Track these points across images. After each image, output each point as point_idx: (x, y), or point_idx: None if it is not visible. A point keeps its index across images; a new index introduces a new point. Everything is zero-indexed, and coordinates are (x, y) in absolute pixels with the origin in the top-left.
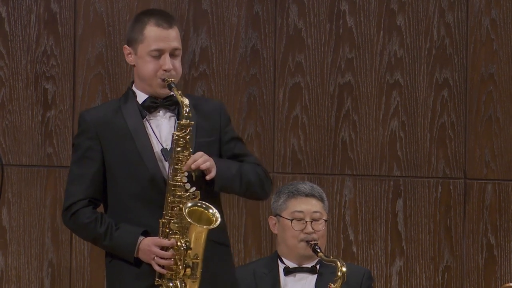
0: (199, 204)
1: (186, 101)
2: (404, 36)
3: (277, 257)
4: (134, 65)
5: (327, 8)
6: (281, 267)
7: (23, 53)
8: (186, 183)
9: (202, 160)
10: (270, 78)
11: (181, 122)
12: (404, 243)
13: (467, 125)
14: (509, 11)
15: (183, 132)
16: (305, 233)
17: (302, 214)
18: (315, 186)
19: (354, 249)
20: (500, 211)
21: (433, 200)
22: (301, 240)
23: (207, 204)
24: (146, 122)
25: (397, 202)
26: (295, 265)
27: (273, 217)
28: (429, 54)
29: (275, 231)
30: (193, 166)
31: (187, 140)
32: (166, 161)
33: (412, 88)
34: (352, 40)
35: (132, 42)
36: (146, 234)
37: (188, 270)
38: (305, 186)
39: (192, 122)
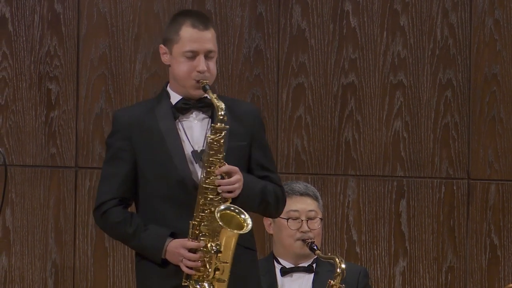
0: (232, 208)
1: (222, 105)
2: (408, 37)
3: (272, 258)
4: (169, 65)
5: (331, 9)
6: (277, 268)
7: (26, 53)
8: (218, 186)
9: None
10: (274, 78)
11: (216, 125)
12: (408, 243)
13: (470, 125)
14: None
15: (218, 136)
16: (301, 232)
17: (297, 213)
18: (309, 185)
19: (358, 250)
20: (504, 212)
21: (437, 200)
22: (297, 239)
23: (240, 209)
24: (179, 123)
25: (400, 202)
26: (291, 265)
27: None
28: (432, 54)
29: (271, 232)
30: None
31: (221, 143)
32: (196, 163)
33: (416, 88)
34: (356, 41)
35: (167, 42)
36: (174, 236)
37: (218, 273)
38: (299, 185)
39: (227, 127)
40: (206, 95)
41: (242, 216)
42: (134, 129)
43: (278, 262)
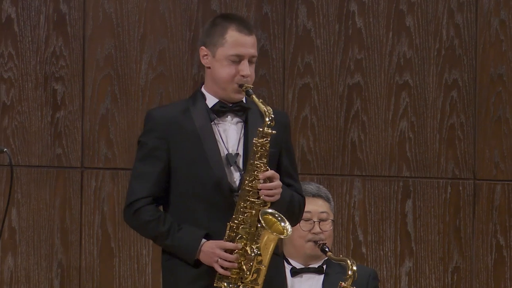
0: (276, 215)
1: (270, 110)
2: (413, 37)
3: (283, 258)
4: (208, 67)
5: (336, 9)
6: (287, 268)
7: (32, 54)
8: (260, 190)
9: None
10: (279, 79)
11: (264, 130)
12: (414, 243)
13: (476, 125)
14: None
15: (264, 140)
16: (313, 233)
17: (309, 215)
18: (321, 186)
19: (363, 250)
20: (510, 212)
21: (443, 200)
22: (309, 240)
23: (282, 216)
24: (214, 125)
25: (406, 202)
26: (301, 266)
27: None
28: (438, 55)
29: None
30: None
31: (267, 148)
32: (231, 166)
33: (421, 89)
34: (361, 41)
35: (210, 44)
36: (208, 237)
37: (255, 275)
38: (312, 187)
39: (274, 132)
40: (242, 99)
41: (283, 223)
42: (170, 129)
43: (288, 263)
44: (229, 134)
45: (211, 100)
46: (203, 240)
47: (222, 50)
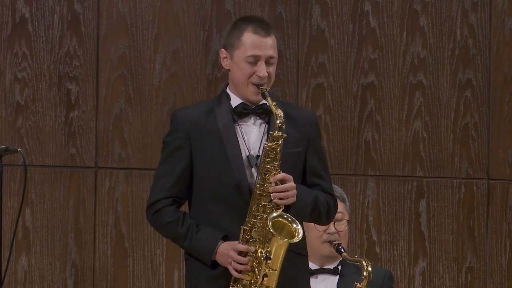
0: (285, 217)
1: (281, 113)
2: (427, 37)
3: (307, 258)
4: (228, 70)
5: (350, 9)
6: None
7: (46, 53)
8: (271, 193)
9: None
10: (293, 78)
11: (274, 133)
12: (427, 243)
13: (490, 125)
14: None
15: (275, 143)
16: (328, 233)
17: None
18: (336, 186)
19: (377, 250)
20: None
21: (456, 200)
22: (324, 241)
23: (292, 217)
24: (237, 126)
25: (420, 202)
26: (316, 267)
27: None
28: (452, 54)
29: None
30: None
31: (278, 151)
32: (252, 167)
33: (435, 88)
34: (375, 41)
35: (229, 47)
36: (226, 239)
37: (266, 279)
38: None
39: (285, 135)
40: (263, 100)
41: (294, 225)
42: (193, 129)
43: None
44: (251, 136)
45: (235, 101)
46: (220, 241)
47: (239, 52)
